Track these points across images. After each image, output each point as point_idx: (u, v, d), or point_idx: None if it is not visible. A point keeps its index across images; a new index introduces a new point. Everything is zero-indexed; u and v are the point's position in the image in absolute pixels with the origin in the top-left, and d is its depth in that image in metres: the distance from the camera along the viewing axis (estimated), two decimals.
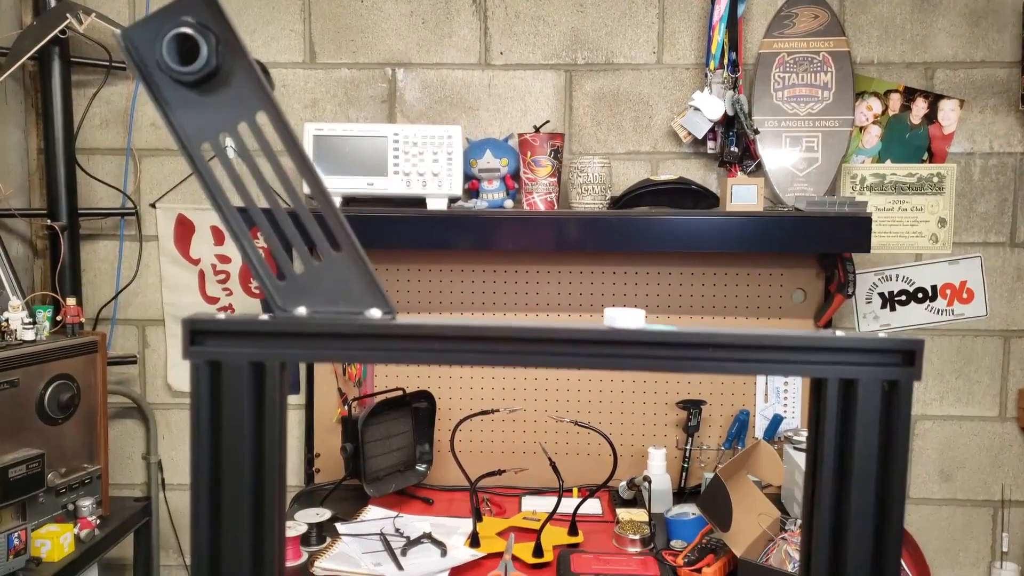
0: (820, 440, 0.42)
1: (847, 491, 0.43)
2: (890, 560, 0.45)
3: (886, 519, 0.43)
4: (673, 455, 1.91)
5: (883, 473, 0.42)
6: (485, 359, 0.41)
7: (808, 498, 0.45)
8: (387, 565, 1.49)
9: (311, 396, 1.97)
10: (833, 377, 0.41)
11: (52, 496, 1.58)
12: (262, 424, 0.42)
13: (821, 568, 0.46)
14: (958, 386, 1.91)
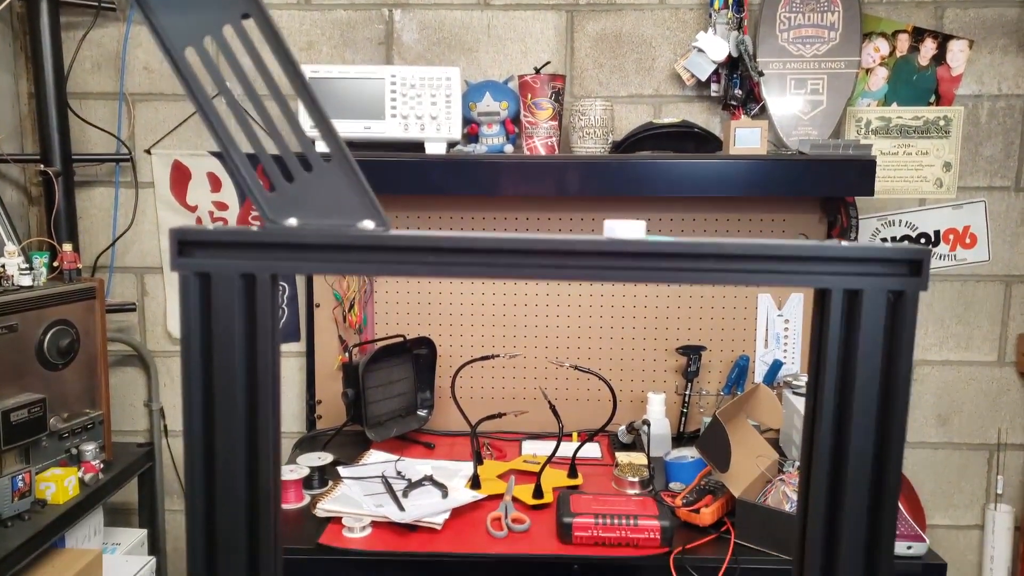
0: (823, 353, 0.42)
1: (849, 405, 0.42)
2: (890, 481, 0.45)
3: (888, 435, 0.43)
4: (672, 400, 1.92)
5: (886, 386, 0.41)
6: (481, 271, 0.40)
7: (810, 414, 0.45)
8: (389, 506, 1.50)
9: (311, 343, 1.97)
10: (838, 288, 0.40)
11: (55, 440, 1.59)
12: (254, 338, 0.41)
13: (820, 494, 0.46)
14: (958, 331, 1.91)
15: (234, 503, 0.45)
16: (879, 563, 0.47)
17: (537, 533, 1.47)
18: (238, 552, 0.46)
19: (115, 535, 1.78)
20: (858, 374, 0.40)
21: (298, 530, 1.47)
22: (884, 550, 0.46)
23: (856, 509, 0.46)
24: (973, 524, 1.95)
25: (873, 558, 0.46)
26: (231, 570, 0.46)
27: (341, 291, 1.93)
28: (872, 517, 0.46)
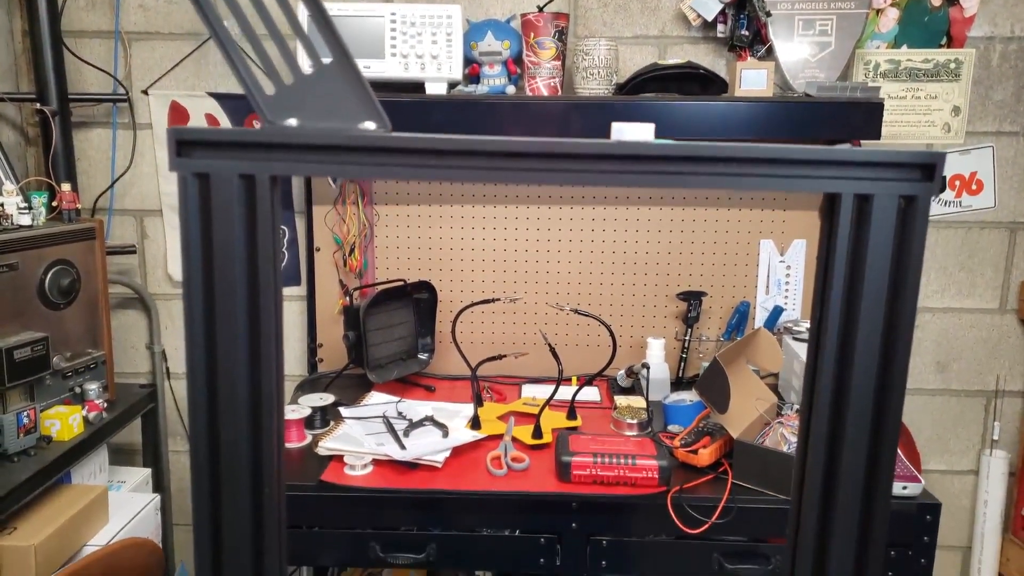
0: (831, 262, 0.41)
1: (856, 316, 0.42)
2: (894, 400, 0.45)
3: (894, 348, 0.42)
4: (672, 346, 1.92)
5: (894, 295, 0.41)
6: (485, 174, 0.40)
7: (816, 327, 0.44)
8: (390, 445, 1.52)
9: (312, 287, 1.97)
10: (847, 192, 0.39)
11: (58, 379, 1.60)
12: (255, 242, 0.41)
13: (823, 415, 0.46)
14: (960, 278, 1.91)
15: (237, 431, 0.45)
16: (878, 495, 0.47)
17: (536, 472, 1.49)
18: (241, 488, 0.46)
19: (120, 473, 1.81)
20: (866, 282, 0.40)
21: (300, 468, 1.49)
22: (884, 473, 0.46)
23: (859, 426, 0.46)
24: (968, 470, 1.97)
25: (872, 489, 0.47)
26: (235, 507, 0.46)
27: (341, 235, 1.92)
28: (873, 440, 0.46)
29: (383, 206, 1.93)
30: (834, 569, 0.46)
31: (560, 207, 1.91)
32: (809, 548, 0.47)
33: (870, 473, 0.46)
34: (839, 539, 0.47)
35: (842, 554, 0.47)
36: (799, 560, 0.48)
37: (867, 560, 0.47)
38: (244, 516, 0.46)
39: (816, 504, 0.47)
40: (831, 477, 0.47)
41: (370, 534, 1.43)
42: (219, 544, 0.46)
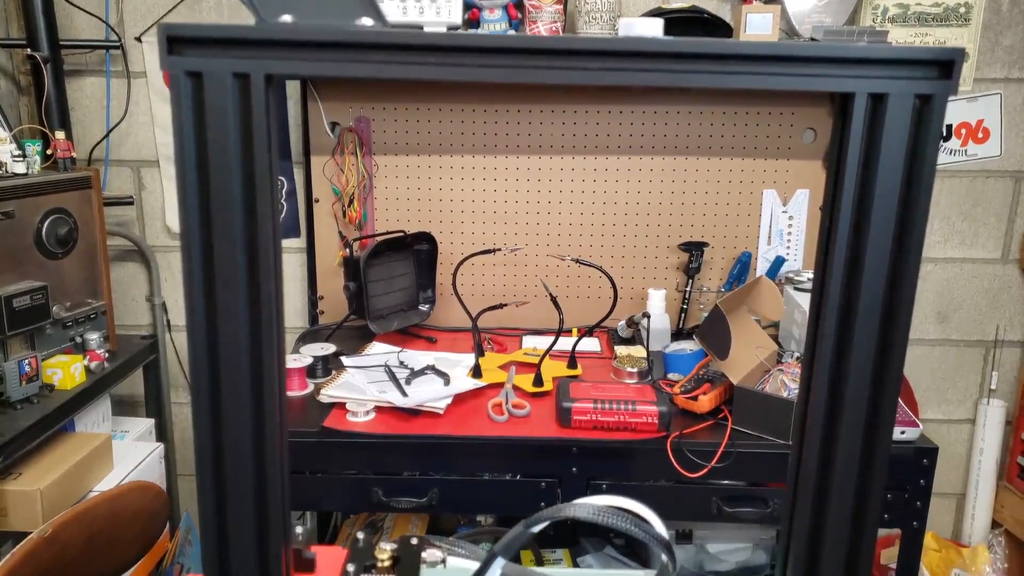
0: (842, 166, 0.40)
1: (867, 221, 0.41)
2: (903, 315, 0.44)
3: (905, 256, 0.42)
4: (673, 297, 1.92)
5: (907, 200, 0.40)
6: (486, 73, 0.38)
7: (825, 237, 0.44)
8: (392, 392, 1.52)
9: (312, 239, 1.96)
10: (861, 91, 0.38)
11: (59, 328, 1.60)
12: (250, 147, 0.40)
13: (831, 328, 0.45)
14: (963, 228, 1.90)
15: (239, 375, 0.45)
16: (879, 435, 0.46)
17: (537, 418, 1.50)
18: (244, 435, 0.46)
19: (123, 423, 1.82)
20: (878, 184, 0.39)
21: (302, 415, 1.50)
22: (886, 407, 0.46)
23: (866, 343, 0.45)
24: (964, 418, 1.99)
25: (873, 427, 0.46)
26: (238, 454, 0.46)
27: (340, 186, 1.91)
28: (879, 359, 0.45)
29: (382, 156, 1.91)
30: (833, 512, 0.46)
31: (561, 157, 1.89)
32: (809, 492, 0.47)
33: (872, 408, 0.46)
34: (839, 483, 0.47)
35: (842, 498, 0.47)
36: (799, 503, 0.48)
37: (866, 503, 0.47)
38: (247, 463, 0.46)
39: (817, 448, 0.47)
40: (833, 414, 0.47)
41: (372, 479, 1.44)
42: (223, 492, 0.46)
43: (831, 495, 0.46)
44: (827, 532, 0.47)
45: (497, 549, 0.48)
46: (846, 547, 0.47)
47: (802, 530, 0.47)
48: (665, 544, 0.47)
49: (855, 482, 0.46)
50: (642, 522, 0.47)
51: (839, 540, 0.46)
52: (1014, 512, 1.85)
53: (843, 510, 0.46)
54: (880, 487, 0.46)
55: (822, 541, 0.46)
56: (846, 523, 0.47)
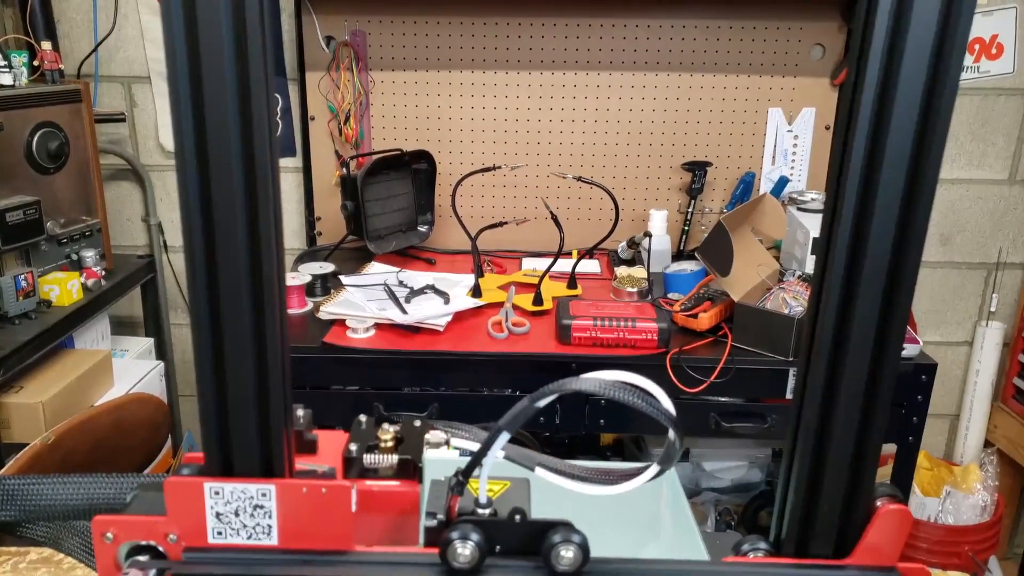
0: (862, 66, 0.38)
1: (884, 128, 0.39)
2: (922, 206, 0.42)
3: (929, 142, 0.40)
4: (674, 219, 1.90)
5: (928, 108, 0.38)
6: None
7: (844, 124, 0.42)
8: (392, 310, 1.52)
9: (308, 159, 1.92)
10: None
11: (54, 245, 1.58)
12: (245, 57, 0.38)
13: (848, 220, 0.44)
14: (971, 148, 1.86)
15: (238, 280, 0.43)
16: (889, 345, 0.45)
17: (536, 335, 1.50)
18: (245, 350, 0.45)
19: (123, 342, 1.82)
20: (899, 92, 0.37)
21: (302, 332, 1.50)
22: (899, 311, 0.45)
23: (878, 260, 0.44)
24: (962, 341, 1.99)
25: (884, 337, 0.45)
26: (239, 371, 0.45)
27: (336, 103, 1.86)
28: (890, 280, 0.44)
29: (379, 72, 1.86)
30: (838, 429, 0.46)
31: (563, 72, 1.84)
32: (815, 408, 0.47)
33: (881, 327, 0.45)
34: (845, 400, 0.46)
35: (847, 414, 0.46)
36: (804, 419, 0.47)
37: (872, 419, 0.46)
38: (248, 379, 0.45)
39: (824, 365, 0.47)
40: (842, 332, 0.46)
41: (373, 394, 1.45)
42: (224, 408, 0.45)
43: (836, 411, 0.46)
44: (831, 448, 0.47)
45: (502, 424, 0.48)
46: (850, 462, 0.47)
47: (806, 445, 0.47)
48: (672, 420, 0.46)
49: (861, 400, 0.46)
50: (649, 397, 0.46)
51: (843, 454, 0.47)
52: (1007, 432, 1.88)
53: (849, 428, 0.46)
54: (886, 405, 0.46)
55: (826, 456, 0.46)
56: (850, 439, 0.46)
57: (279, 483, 0.46)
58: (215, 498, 0.46)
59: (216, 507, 0.46)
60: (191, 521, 0.46)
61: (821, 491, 0.47)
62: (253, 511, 0.46)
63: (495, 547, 0.47)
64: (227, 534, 0.46)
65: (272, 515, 0.46)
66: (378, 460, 0.51)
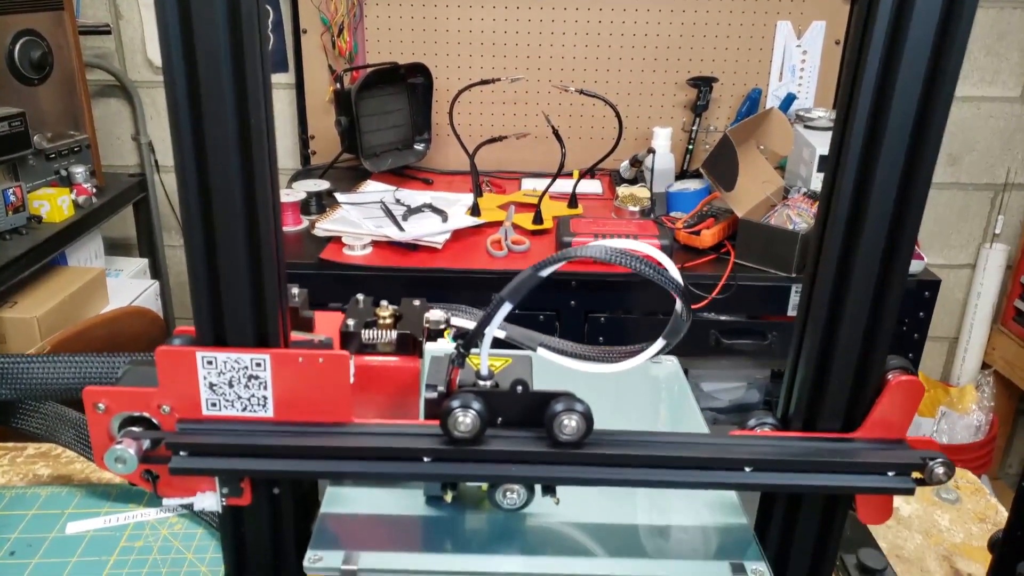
0: None
1: (900, 41, 0.36)
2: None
3: (939, 75, 0.38)
4: (679, 138, 1.85)
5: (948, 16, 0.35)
6: None
7: (855, 52, 0.39)
8: (389, 227, 1.50)
9: (300, 74, 1.87)
10: None
11: (42, 160, 1.54)
12: None
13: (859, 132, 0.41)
14: (984, 64, 1.81)
15: (230, 186, 0.41)
16: (896, 266, 0.44)
17: (536, 253, 1.48)
18: (240, 267, 0.43)
19: (117, 263, 1.80)
20: None
21: (298, 249, 1.48)
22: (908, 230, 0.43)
23: (888, 175, 0.42)
24: (965, 263, 1.98)
25: (892, 258, 0.44)
26: (234, 288, 0.43)
27: (328, 15, 1.79)
28: (899, 197, 0.43)
29: None
30: (842, 345, 0.44)
31: None
32: (820, 323, 0.46)
33: (889, 245, 0.44)
34: (850, 317, 0.45)
35: (852, 330, 0.45)
36: (817, 292, 0.46)
37: (877, 336, 0.45)
38: (240, 248, 0.43)
39: (831, 282, 0.45)
40: (849, 248, 0.44)
41: None
42: (216, 278, 0.43)
43: (841, 328, 0.45)
44: (844, 320, 0.45)
45: (504, 294, 0.46)
46: (852, 378, 0.46)
47: (818, 316, 0.45)
48: (680, 290, 0.45)
49: (866, 317, 0.45)
50: (657, 266, 0.44)
51: (846, 370, 0.45)
52: (1005, 353, 1.88)
53: (853, 343, 0.44)
54: (903, 278, 0.45)
55: (838, 328, 0.45)
56: (854, 354, 0.45)
57: (274, 352, 0.44)
58: (208, 368, 0.44)
59: (209, 377, 0.45)
60: (184, 392, 0.45)
61: (832, 364, 0.45)
62: (248, 382, 0.45)
63: (497, 418, 0.46)
64: (221, 406, 0.45)
65: (267, 386, 0.45)
66: (377, 336, 0.49)
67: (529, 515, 0.48)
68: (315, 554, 0.44)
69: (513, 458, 0.45)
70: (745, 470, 0.44)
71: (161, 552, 0.63)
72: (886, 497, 0.47)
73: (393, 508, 0.48)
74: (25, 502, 0.67)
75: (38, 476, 0.71)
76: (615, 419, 0.46)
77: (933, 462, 0.45)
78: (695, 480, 0.45)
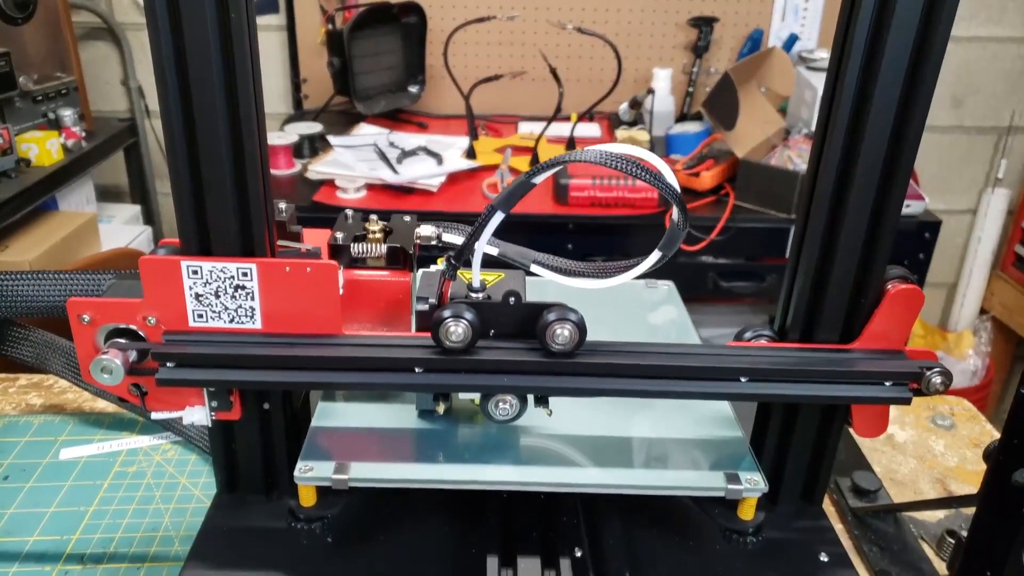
0: None
1: None
2: None
3: None
4: (679, 80, 1.82)
5: None
6: None
7: None
8: (383, 170, 1.48)
9: (291, 15, 1.82)
10: None
11: (29, 102, 1.51)
12: None
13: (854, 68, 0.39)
14: (991, 2, 1.76)
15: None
16: (891, 202, 0.43)
17: (533, 196, 1.43)
18: (227, 209, 0.42)
19: (109, 209, 1.78)
20: None
21: (291, 192, 1.46)
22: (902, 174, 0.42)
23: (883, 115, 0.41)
24: (966, 209, 1.96)
25: (887, 191, 0.43)
26: (217, 188, 0.41)
27: None
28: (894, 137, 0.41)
29: None
30: (842, 252, 0.43)
31: None
32: (812, 264, 0.45)
33: (883, 184, 0.43)
34: (842, 254, 0.44)
35: (844, 269, 0.44)
36: (807, 241, 0.45)
37: (877, 242, 0.44)
38: (228, 204, 0.42)
39: (824, 220, 0.44)
40: (842, 186, 0.43)
41: None
42: (200, 186, 0.42)
43: (834, 266, 0.44)
44: (833, 273, 0.44)
45: (496, 203, 0.45)
46: (851, 288, 0.45)
47: (819, 221, 0.44)
48: (676, 196, 0.43)
49: (859, 257, 0.44)
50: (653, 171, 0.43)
51: (845, 278, 0.45)
52: (1003, 299, 1.88)
53: (852, 249, 0.44)
54: (893, 227, 0.44)
55: (838, 234, 0.44)
56: (853, 262, 0.44)
57: (260, 262, 0.43)
58: (193, 278, 0.43)
59: (195, 288, 0.44)
60: (170, 303, 0.44)
61: (831, 273, 0.44)
62: (234, 292, 0.44)
63: (489, 331, 0.45)
64: (208, 317, 0.44)
65: (255, 296, 0.44)
66: (366, 250, 0.48)
67: (522, 428, 0.48)
68: (305, 464, 0.44)
69: (505, 368, 0.44)
70: (741, 380, 0.44)
71: (155, 477, 0.62)
72: (882, 409, 0.47)
73: (385, 423, 0.48)
74: (18, 429, 0.67)
75: (31, 406, 0.71)
76: None
77: (930, 372, 0.44)
78: (690, 390, 0.44)
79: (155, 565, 0.54)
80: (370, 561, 0.45)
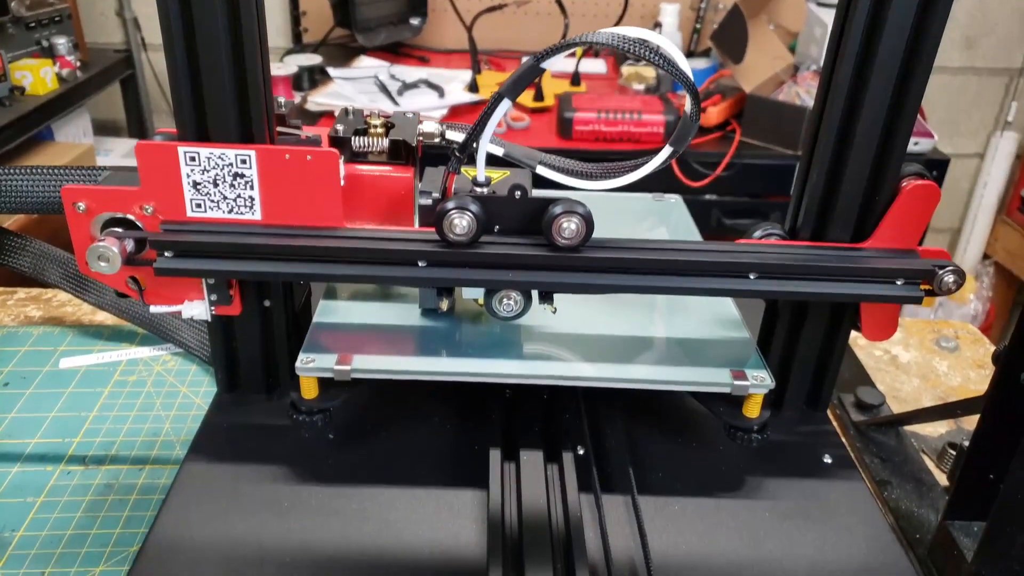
0: None
1: None
2: None
3: None
4: (687, 16, 1.78)
5: None
6: None
7: None
8: (383, 102, 1.45)
9: None
10: None
11: (22, 29, 1.48)
12: None
13: None
14: None
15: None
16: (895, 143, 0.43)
17: (536, 129, 1.44)
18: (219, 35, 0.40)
19: (106, 143, 1.75)
20: None
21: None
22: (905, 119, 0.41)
23: (892, 50, 0.40)
24: (973, 153, 1.93)
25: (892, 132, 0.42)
26: (214, 72, 0.40)
27: None
28: (902, 73, 0.41)
29: None
30: (859, 141, 0.42)
31: None
32: (816, 200, 0.44)
33: (889, 122, 0.42)
34: (846, 191, 0.43)
35: (870, 125, 0.42)
36: (822, 133, 0.44)
37: (895, 133, 0.43)
38: (226, 88, 0.41)
39: (829, 156, 0.43)
40: (849, 123, 0.42)
41: None
42: (197, 69, 0.41)
43: (859, 124, 0.42)
44: (848, 167, 0.43)
45: (503, 89, 0.44)
46: (866, 183, 0.43)
47: (822, 164, 0.43)
48: (689, 84, 0.42)
49: (885, 111, 0.42)
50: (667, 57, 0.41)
51: (860, 172, 0.43)
52: (1007, 244, 1.86)
53: (869, 139, 0.42)
54: (912, 115, 0.43)
55: (841, 176, 0.43)
56: (870, 155, 0.43)
57: (259, 148, 0.42)
58: (191, 165, 0.42)
59: (193, 175, 0.43)
60: (167, 192, 0.43)
61: (846, 166, 0.43)
62: (233, 181, 0.43)
63: (494, 226, 0.44)
64: (207, 207, 0.43)
65: (254, 185, 0.43)
66: (368, 143, 0.47)
67: (525, 326, 0.47)
68: (307, 356, 0.43)
69: (510, 262, 0.43)
70: (750, 276, 0.43)
71: (155, 385, 0.62)
72: (892, 310, 0.46)
73: (388, 320, 0.47)
74: (17, 339, 0.67)
75: (29, 318, 0.70)
76: None
77: (943, 271, 0.43)
78: (699, 287, 0.43)
79: (157, 467, 0.54)
80: (372, 454, 0.45)
